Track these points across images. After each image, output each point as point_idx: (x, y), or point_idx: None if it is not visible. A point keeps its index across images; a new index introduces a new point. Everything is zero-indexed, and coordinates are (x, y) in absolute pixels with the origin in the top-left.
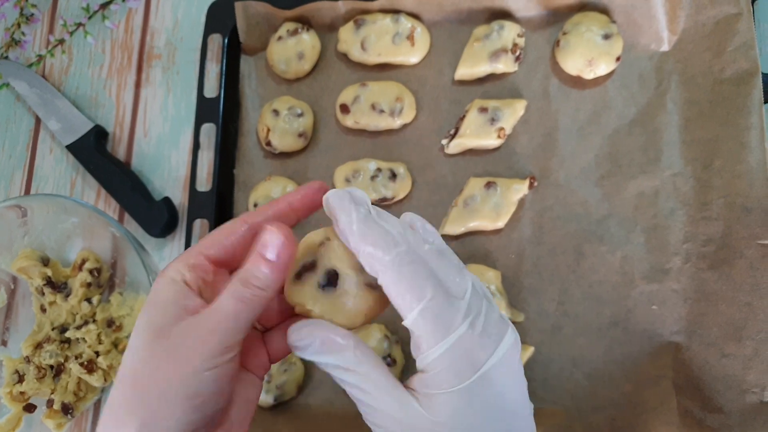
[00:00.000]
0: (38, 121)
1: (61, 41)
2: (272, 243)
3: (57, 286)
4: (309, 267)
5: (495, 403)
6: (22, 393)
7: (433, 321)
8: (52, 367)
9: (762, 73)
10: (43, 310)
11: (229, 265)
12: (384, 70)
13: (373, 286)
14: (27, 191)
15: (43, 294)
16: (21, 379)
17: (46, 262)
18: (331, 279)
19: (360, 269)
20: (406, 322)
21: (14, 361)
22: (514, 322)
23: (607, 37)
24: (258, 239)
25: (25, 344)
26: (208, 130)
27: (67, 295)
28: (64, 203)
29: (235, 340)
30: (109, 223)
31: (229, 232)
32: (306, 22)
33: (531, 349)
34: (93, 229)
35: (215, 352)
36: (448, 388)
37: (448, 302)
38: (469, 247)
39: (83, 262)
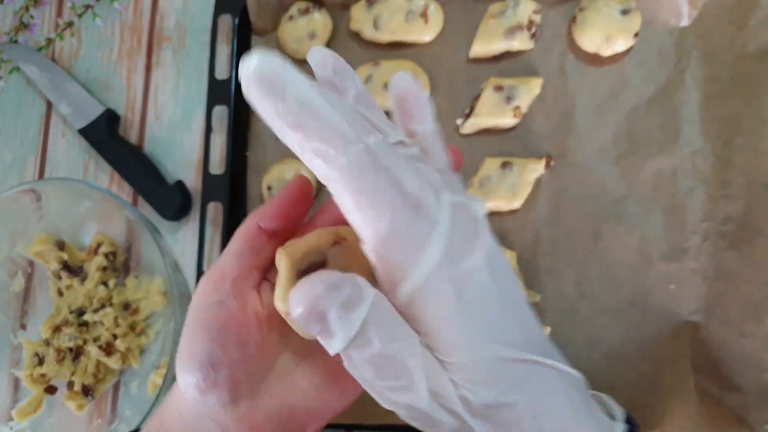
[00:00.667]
0: (49, 105)
1: (70, 24)
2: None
3: (73, 269)
4: (317, 266)
5: (500, 296)
6: (42, 375)
7: (405, 241)
8: (71, 349)
9: None
10: (60, 293)
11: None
12: (397, 48)
13: None
14: (40, 176)
15: (60, 278)
16: (41, 361)
17: (61, 246)
18: None
19: (374, 277)
20: (366, 247)
21: (34, 344)
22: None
23: (625, 12)
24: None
25: (43, 327)
26: (220, 112)
27: (84, 279)
28: (78, 187)
29: (219, 277)
30: (123, 206)
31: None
32: (317, 1)
33: (548, 330)
34: (107, 212)
35: (217, 283)
36: (441, 310)
37: (416, 217)
38: None
39: (98, 246)
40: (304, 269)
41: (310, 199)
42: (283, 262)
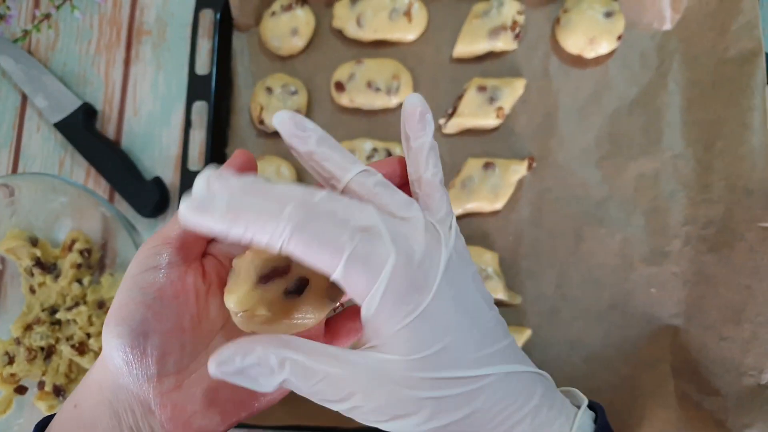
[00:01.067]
0: (24, 98)
1: (48, 16)
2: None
3: (46, 266)
4: (281, 272)
5: (458, 307)
6: (12, 375)
7: (362, 266)
8: (42, 348)
9: (766, 53)
10: (32, 291)
11: None
12: (380, 47)
13: (330, 298)
14: (14, 170)
15: (32, 275)
16: (11, 360)
17: (34, 242)
18: (301, 287)
19: (329, 286)
20: (335, 277)
21: (4, 343)
22: (511, 305)
23: (608, 15)
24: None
25: (14, 326)
26: (200, 108)
27: (57, 276)
28: (52, 182)
29: (164, 242)
30: (98, 202)
31: None
32: None
33: (528, 332)
34: (82, 208)
35: (159, 247)
36: (402, 320)
37: (368, 239)
38: (467, 229)
39: (73, 242)
40: (267, 273)
41: (255, 169)
42: (248, 260)
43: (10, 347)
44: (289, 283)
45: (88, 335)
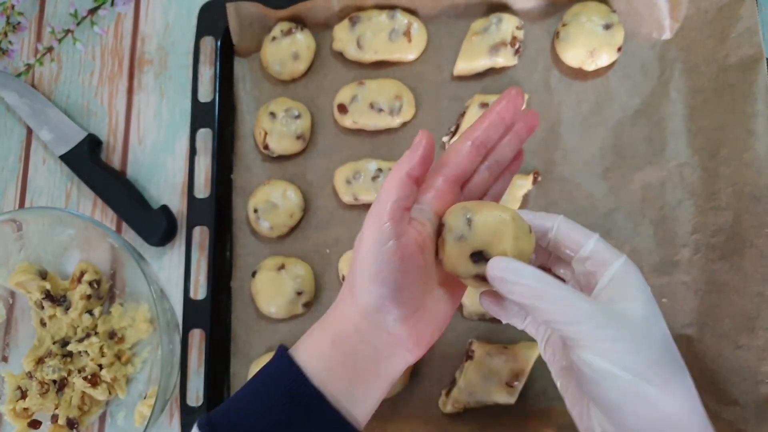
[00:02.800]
0: (29, 131)
1: (50, 49)
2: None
3: (56, 299)
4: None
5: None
6: (25, 409)
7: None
8: (55, 381)
9: (767, 58)
10: (43, 324)
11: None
12: (381, 67)
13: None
14: (21, 204)
15: (43, 308)
16: (24, 395)
17: (44, 275)
18: (485, 257)
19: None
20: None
21: (16, 377)
22: None
23: (608, 27)
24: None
25: (26, 359)
26: (204, 135)
27: (67, 308)
28: (59, 215)
29: (388, 220)
30: (106, 233)
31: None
32: (300, 22)
33: None
34: (90, 240)
35: (383, 226)
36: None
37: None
38: None
39: (82, 274)
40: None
41: (434, 150)
42: (458, 215)
43: (23, 381)
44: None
45: (100, 366)
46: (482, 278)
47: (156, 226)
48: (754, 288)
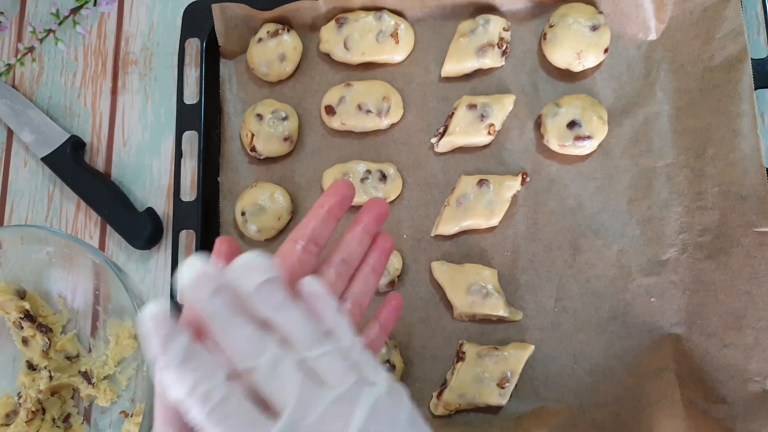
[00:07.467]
0: (10, 133)
1: (31, 49)
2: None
3: (35, 318)
4: None
5: None
6: None
7: None
8: (43, 410)
9: (751, 59)
10: (25, 342)
11: None
12: (368, 69)
13: None
14: (2, 207)
15: (22, 327)
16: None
17: (22, 295)
18: None
19: None
20: None
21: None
22: (513, 321)
23: (594, 28)
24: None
25: (21, 372)
26: (190, 137)
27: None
28: (37, 233)
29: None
30: (86, 250)
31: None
32: (286, 23)
33: (531, 348)
34: (71, 257)
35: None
36: None
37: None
38: (464, 247)
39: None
40: None
41: (239, 252)
42: None
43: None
44: None
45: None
46: None
47: (141, 229)
48: (741, 287)
